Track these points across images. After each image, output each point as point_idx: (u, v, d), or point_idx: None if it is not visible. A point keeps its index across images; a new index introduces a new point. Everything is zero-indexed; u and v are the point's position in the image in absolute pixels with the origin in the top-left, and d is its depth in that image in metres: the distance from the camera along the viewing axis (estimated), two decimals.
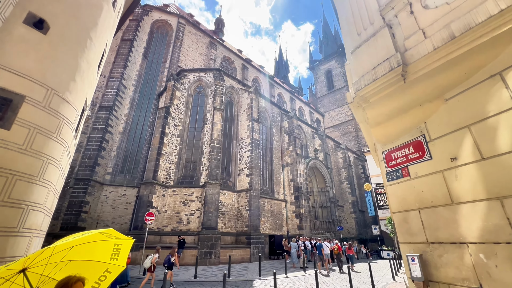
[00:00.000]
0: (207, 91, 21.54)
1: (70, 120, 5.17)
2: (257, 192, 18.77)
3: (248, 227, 17.44)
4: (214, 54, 33.30)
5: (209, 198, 16.07)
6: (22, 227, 4.07)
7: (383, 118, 3.56)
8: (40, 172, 4.43)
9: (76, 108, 5.35)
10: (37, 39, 4.59)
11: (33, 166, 4.33)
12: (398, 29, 3.33)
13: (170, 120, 19.11)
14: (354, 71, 3.72)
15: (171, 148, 18.83)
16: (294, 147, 24.97)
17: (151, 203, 15.85)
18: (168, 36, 30.09)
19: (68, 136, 5.20)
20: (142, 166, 21.96)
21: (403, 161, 3.40)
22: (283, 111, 28.33)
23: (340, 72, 58.86)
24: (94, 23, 5.78)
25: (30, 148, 4.25)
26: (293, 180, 23.96)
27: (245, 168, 20.02)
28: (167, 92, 20.21)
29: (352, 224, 32.08)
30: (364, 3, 3.92)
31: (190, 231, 16.34)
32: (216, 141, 18.07)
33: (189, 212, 16.90)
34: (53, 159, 4.75)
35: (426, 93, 3.09)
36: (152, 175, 16.51)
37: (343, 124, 53.52)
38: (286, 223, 22.68)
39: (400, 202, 3.39)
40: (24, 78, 4.25)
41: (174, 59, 28.14)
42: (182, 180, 18.24)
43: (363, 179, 40.01)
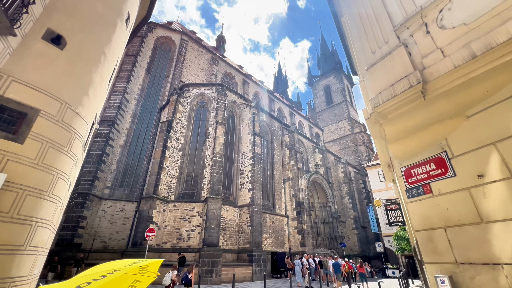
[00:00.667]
0: (209, 106, 21.74)
1: (81, 134, 5.14)
2: (259, 207, 18.45)
3: (250, 244, 16.97)
4: (216, 70, 33.97)
5: (210, 213, 15.74)
6: (29, 245, 3.91)
7: (401, 134, 3.56)
8: (50, 187, 4.34)
9: (87, 122, 5.33)
10: (54, 54, 4.65)
11: (43, 181, 4.24)
12: (415, 48, 3.41)
13: (172, 133, 19.11)
14: (371, 88, 3.77)
15: (173, 162, 18.69)
16: (296, 161, 24.90)
17: (151, 219, 15.47)
18: (171, 51, 30.80)
19: (78, 150, 5.14)
20: (142, 180, 21.67)
21: (424, 178, 3.36)
22: (283, 126, 28.50)
23: (339, 87, 60.05)
24: (108, 39, 5.89)
25: (41, 163, 4.18)
26: (294, 195, 23.67)
27: (246, 182, 19.80)
28: (170, 106, 20.36)
29: (354, 241, 31.38)
30: (378, 23, 4.05)
31: (191, 248, 15.84)
32: (218, 155, 17.99)
33: (190, 228, 16.48)
34: (63, 173, 4.67)
35: (447, 110, 3.12)
36: (153, 189, 16.24)
37: (343, 139, 53.83)
38: (288, 239, 22.13)
39: (423, 220, 3.31)
40: (40, 92, 4.26)
41: (177, 74, 28.63)
42: (183, 195, 17.94)
43: (364, 193, 39.66)
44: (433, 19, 3.30)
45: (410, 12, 3.59)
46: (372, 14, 4.22)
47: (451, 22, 3.09)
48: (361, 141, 51.92)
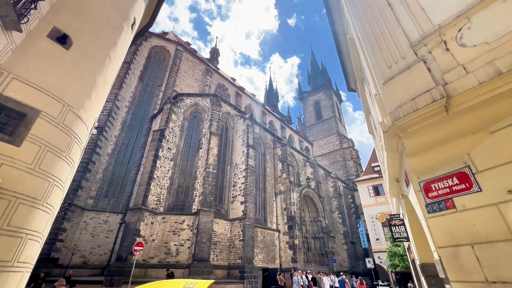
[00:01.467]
0: (203, 116, 21.53)
1: (81, 138, 4.83)
2: (251, 221, 18.00)
3: (241, 260, 16.35)
4: (209, 81, 34.09)
5: (202, 226, 15.14)
6: (17, 261, 3.48)
7: (421, 148, 3.55)
8: (44, 196, 3.97)
9: (88, 126, 5.04)
10: (59, 54, 4.41)
11: (38, 189, 3.88)
12: (434, 64, 3.48)
13: (164, 143, 18.61)
14: (389, 101, 3.78)
15: (163, 172, 18.08)
16: (288, 174, 24.83)
17: (138, 232, 14.65)
18: (166, 61, 30.72)
19: (76, 156, 4.80)
20: (129, 190, 20.76)
21: (447, 193, 3.33)
22: (276, 138, 28.62)
23: (328, 103, 61.76)
24: (114, 42, 5.72)
25: (38, 168, 3.84)
26: (286, 209, 23.38)
27: (239, 195, 19.39)
28: (163, 114, 19.98)
29: (344, 257, 31.11)
30: (393, 39, 4.15)
31: (179, 263, 15.03)
32: (211, 166, 17.61)
33: (179, 242, 15.71)
34: (60, 181, 4.31)
35: (469, 125, 3.14)
36: (141, 200, 15.51)
37: (332, 153, 54.72)
38: (279, 255, 21.58)
39: (447, 236, 3.24)
40: (41, 92, 3.98)
41: (170, 83, 28.44)
42: (173, 207, 17.25)
43: (352, 208, 39.91)
44: (452, 37, 3.41)
45: (427, 30, 3.70)
46: (386, 31, 4.32)
47: (472, 40, 3.19)
48: (349, 156, 52.95)
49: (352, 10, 5.33)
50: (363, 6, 5.04)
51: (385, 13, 4.50)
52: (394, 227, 6.57)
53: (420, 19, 3.90)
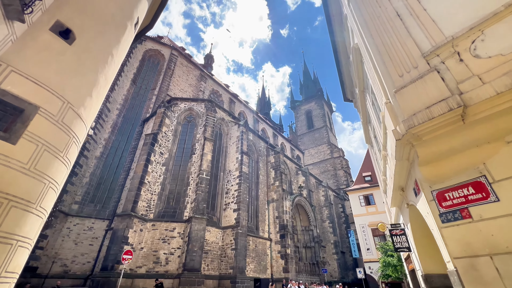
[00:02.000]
0: (197, 121, 21.27)
1: (79, 138, 4.56)
2: (244, 230, 17.63)
3: (233, 269, 15.88)
4: (203, 86, 33.95)
5: (193, 234, 14.66)
6: (5, 271, 3.16)
7: (435, 156, 3.55)
8: (39, 199, 3.67)
9: (86, 125, 4.78)
10: (61, 48, 4.19)
11: (33, 191, 3.59)
12: (448, 74, 3.53)
13: (156, 147, 18.16)
14: (402, 109, 3.79)
15: (155, 177, 17.55)
16: (281, 182, 24.72)
17: (126, 239, 14.00)
18: (160, 65, 30.43)
19: (73, 157, 4.52)
20: (116, 196, 19.97)
21: (462, 202, 3.31)
22: (269, 146, 28.60)
23: (319, 113, 62.77)
24: (117, 41, 5.54)
25: (34, 168, 3.56)
26: (278, 217, 23.14)
27: (232, 202, 19.04)
28: (156, 118, 19.58)
29: (334, 266, 30.94)
30: (403, 49, 4.20)
31: (169, 273, 14.41)
32: (205, 172, 17.26)
33: (169, 251, 15.12)
34: (55, 182, 4.02)
35: (485, 135, 3.17)
36: (131, 206, 14.90)
37: (322, 162, 55.24)
38: (271, 264, 21.17)
39: (463, 247, 3.20)
40: (41, 87, 3.73)
41: (164, 87, 28.09)
42: (164, 213, 16.68)
43: (343, 218, 40.08)
44: (466, 48, 3.47)
45: (439, 41, 3.76)
46: (396, 41, 4.38)
47: (486, 52, 3.26)
48: (339, 165, 53.61)
49: (360, 21, 5.41)
50: (372, 17, 5.12)
51: (395, 24, 4.58)
52: (395, 236, 6.54)
53: (431, 31, 3.97)
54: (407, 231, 6.21)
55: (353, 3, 5.81)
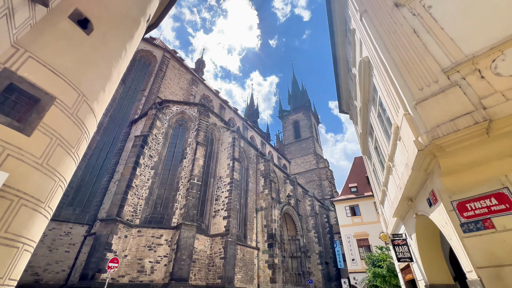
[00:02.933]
0: (189, 125, 20.86)
1: (90, 134, 4.29)
2: (234, 238, 17.22)
3: (221, 279, 15.35)
4: (194, 91, 33.60)
5: (182, 242, 14.08)
6: (8, 278, 2.81)
7: (457, 168, 3.67)
8: (48, 197, 3.37)
9: (97, 121, 4.51)
10: (79, 38, 3.96)
11: (44, 188, 3.29)
12: (469, 89, 3.71)
13: (146, 150, 17.50)
14: (424, 121, 3.90)
15: (143, 181, 16.83)
16: (270, 190, 24.62)
17: (110, 246, 13.16)
18: (151, 66, 29.81)
19: (81, 153, 4.23)
20: (98, 199, 18.89)
21: (484, 213, 3.42)
22: (259, 154, 28.57)
23: (307, 124, 64.02)
24: (131, 35, 5.35)
25: (46, 164, 3.27)
26: (267, 226, 22.91)
27: (222, 209, 18.62)
28: (147, 120, 18.97)
29: (319, 277, 30.90)
30: (422, 64, 4.39)
31: (154, 283, 13.64)
32: (196, 178, 16.81)
33: (155, 259, 14.37)
34: (65, 180, 3.72)
35: (508, 148, 3.33)
36: (116, 211, 14.10)
37: (308, 172, 55.95)
38: (258, 274, 20.75)
39: (488, 256, 3.28)
40: (59, 77, 3.47)
41: (155, 89, 27.46)
42: (151, 219, 15.94)
43: (327, 228, 40.47)
44: (486, 66, 3.68)
45: (459, 59, 3.97)
46: (414, 56, 4.57)
47: (508, 71, 3.47)
48: (325, 176, 54.54)
49: (374, 35, 5.59)
50: (387, 32, 5.33)
51: (412, 40, 4.79)
52: (397, 246, 6.64)
53: (450, 48, 4.18)
54: (410, 241, 6.33)
55: (366, 19, 6.02)
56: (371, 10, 6.01)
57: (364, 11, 6.20)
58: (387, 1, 5.76)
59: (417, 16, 4.99)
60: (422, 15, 4.91)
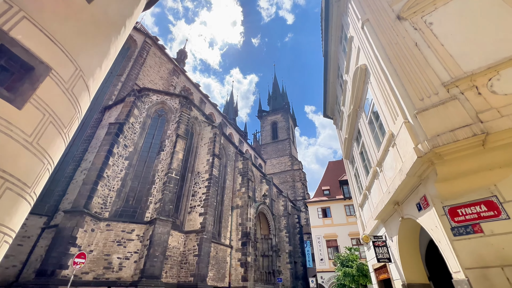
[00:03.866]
0: (169, 116, 19.98)
1: (82, 113, 3.89)
2: (209, 235, 16.87)
3: (194, 277, 14.93)
4: (175, 82, 32.32)
5: (156, 238, 13.42)
6: None
7: (452, 175, 3.93)
8: (35, 182, 2.97)
9: (90, 100, 4.10)
10: (80, 5, 3.52)
11: (32, 171, 2.89)
12: (467, 103, 4.00)
13: (121, 139, 16.39)
14: (425, 130, 4.12)
15: (115, 171, 15.72)
16: (247, 189, 24.58)
17: (74, 240, 12.08)
18: (130, 51, 28.03)
19: (71, 135, 3.82)
20: (61, 188, 17.29)
21: (474, 218, 3.71)
22: (238, 152, 28.38)
23: (284, 125, 65.13)
24: (131, 12, 4.93)
25: (36, 143, 2.87)
26: (242, 224, 22.83)
27: (198, 206, 18.13)
28: (124, 107, 17.78)
29: (287, 276, 31.61)
30: (423, 76, 4.64)
31: (121, 280, 12.81)
32: (174, 172, 16.14)
33: (124, 255, 13.51)
34: (53, 163, 3.31)
35: (499, 160, 3.65)
36: (84, 202, 12.99)
37: (283, 173, 56.98)
38: (229, 273, 20.59)
39: (475, 258, 3.57)
40: (56, 46, 3.05)
41: (133, 75, 25.86)
42: (121, 213, 14.95)
43: (297, 228, 41.58)
44: (483, 84, 4.00)
45: (458, 75, 4.27)
46: (415, 68, 4.82)
47: (502, 90, 3.80)
48: (298, 178, 56.00)
49: (376, 44, 5.79)
50: (389, 43, 5.55)
51: (413, 53, 5.04)
52: (377, 248, 6.99)
53: (450, 64, 4.48)
54: (391, 243, 6.70)
55: (368, 27, 6.22)
56: (373, 20, 6.21)
57: (366, 20, 6.39)
58: (389, 13, 6.01)
59: (418, 31, 5.27)
60: (423, 30, 5.20)
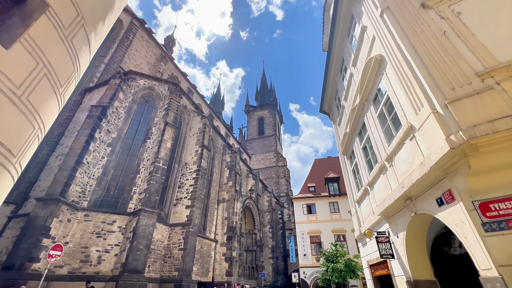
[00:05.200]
0: (157, 103, 18.87)
1: (80, 75, 3.20)
2: (195, 228, 16.22)
3: (178, 271, 14.28)
4: (163, 68, 30.80)
5: (140, 230, 12.58)
6: None
7: (487, 168, 3.75)
8: (22, 150, 2.31)
9: (90, 59, 3.42)
10: None
11: (18, 134, 2.24)
12: (504, 94, 3.82)
13: (104, 123, 15.16)
14: (458, 120, 3.90)
15: (96, 158, 14.54)
16: (234, 183, 24.09)
17: (48, 230, 10.97)
18: (115, 31, 26.17)
19: (67, 98, 3.13)
20: (33, 174, 15.74)
21: (509, 213, 3.55)
22: (226, 145, 27.72)
23: (271, 121, 65.05)
24: None
25: (26, 99, 2.21)
26: (228, 218, 22.35)
27: (185, 198, 17.37)
28: (108, 90, 16.47)
29: (269, 271, 31.70)
30: (453, 65, 4.42)
31: (100, 274, 11.89)
32: (162, 161, 15.25)
33: (104, 248, 12.55)
34: (44, 130, 2.65)
35: None
36: (60, 190, 11.84)
37: (267, 169, 57.03)
38: (213, 267, 20.10)
39: (510, 255, 3.41)
40: None
41: (117, 57, 24.18)
42: (102, 203, 13.88)
43: (280, 224, 41.84)
44: None
45: (493, 65, 4.08)
46: (444, 57, 4.60)
47: None
48: (283, 174, 56.32)
49: (398, 32, 5.52)
50: (413, 32, 5.28)
51: (441, 42, 4.81)
52: (381, 243, 6.86)
53: (483, 54, 4.27)
54: (396, 238, 6.59)
55: (389, 15, 5.93)
56: (395, 8, 5.93)
57: (386, 8, 6.10)
58: (412, 1, 5.75)
59: (445, 20, 5.04)
60: (451, 19, 4.97)
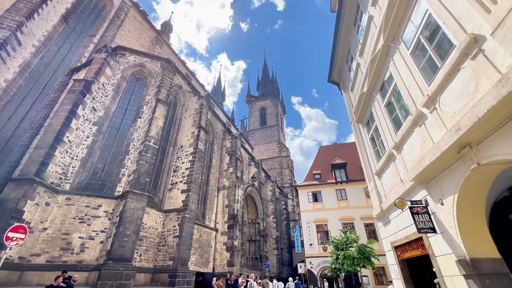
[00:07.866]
0: (149, 81, 17.32)
1: None
2: (192, 214, 14.85)
3: (173, 261, 12.95)
4: (158, 52, 29.12)
5: (128, 214, 11.20)
6: None
7: None
8: None
9: None
10: None
11: None
12: None
13: (88, 99, 13.69)
14: None
15: (80, 137, 13.12)
16: (235, 169, 22.65)
17: (20, 214, 9.62)
18: (106, 10, 24.44)
19: None
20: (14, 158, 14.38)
21: None
22: (226, 130, 26.20)
23: (273, 111, 63.24)
24: None
25: None
26: (228, 206, 20.99)
27: (180, 182, 15.96)
28: (94, 64, 14.96)
29: (273, 262, 30.50)
30: None
31: (83, 263, 10.59)
32: (153, 140, 13.77)
33: (88, 235, 11.22)
34: None
35: None
36: (36, 169, 10.45)
37: (270, 160, 55.56)
38: (214, 257, 18.83)
39: None
40: None
41: (108, 37, 22.54)
42: (86, 185, 12.50)
43: (284, 215, 40.54)
44: None
45: None
46: None
47: None
48: (286, 164, 54.84)
49: None
50: None
51: None
52: (417, 215, 5.33)
53: None
54: (440, 207, 5.04)
55: None
56: None
57: None
58: None
59: None
60: None
